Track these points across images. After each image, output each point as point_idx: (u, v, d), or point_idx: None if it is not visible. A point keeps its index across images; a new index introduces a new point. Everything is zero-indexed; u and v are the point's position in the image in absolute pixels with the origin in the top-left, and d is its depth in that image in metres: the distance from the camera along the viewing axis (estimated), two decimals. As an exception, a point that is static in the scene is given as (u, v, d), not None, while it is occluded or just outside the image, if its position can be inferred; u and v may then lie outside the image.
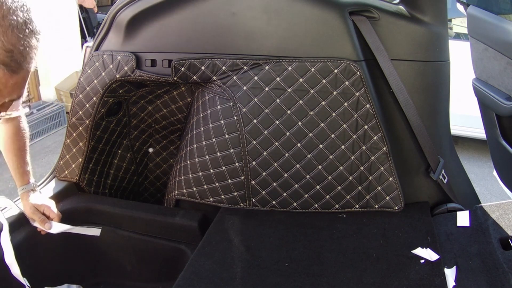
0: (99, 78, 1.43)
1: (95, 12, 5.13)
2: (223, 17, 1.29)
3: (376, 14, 1.29)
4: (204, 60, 1.31)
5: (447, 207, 1.39)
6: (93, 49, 1.45)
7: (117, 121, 1.57)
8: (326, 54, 1.27)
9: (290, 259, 1.18)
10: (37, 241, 1.34)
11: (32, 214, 1.29)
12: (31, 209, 1.29)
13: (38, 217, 1.29)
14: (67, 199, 1.48)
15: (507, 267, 1.08)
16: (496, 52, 1.46)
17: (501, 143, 1.62)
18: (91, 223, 1.44)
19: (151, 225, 1.41)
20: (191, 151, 1.46)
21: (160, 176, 1.80)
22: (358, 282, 1.09)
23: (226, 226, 1.34)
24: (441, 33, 1.32)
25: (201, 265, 1.17)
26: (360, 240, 1.24)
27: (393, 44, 1.30)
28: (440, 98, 1.40)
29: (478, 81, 1.65)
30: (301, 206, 1.39)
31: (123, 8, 1.35)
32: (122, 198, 1.68)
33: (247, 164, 1.36)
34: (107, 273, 1.50)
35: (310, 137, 1.32)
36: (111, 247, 1.46)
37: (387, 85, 1.31)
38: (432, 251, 1.17)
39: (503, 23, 1.47)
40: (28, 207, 1.30)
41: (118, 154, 1.65)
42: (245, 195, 1.40)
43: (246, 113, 1.33)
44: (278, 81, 1.30)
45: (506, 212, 1.27)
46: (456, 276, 1.11)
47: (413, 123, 1.32)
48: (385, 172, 1.32)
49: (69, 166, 1.51)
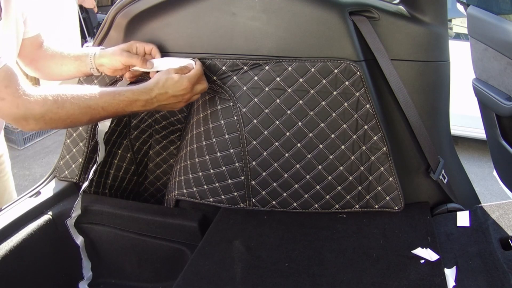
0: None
1: (95, 12, 5.12)
2: (223, 17, 1.29)
3: (376, 14, 1.29)
4: (204, 60, 1.32)
5: (447, 207, 1.39)
6: (93, 49, 1.45)
7: (117, 121, 1.57)
8: (326, 54, 1.27)
9: (290, 259, 1.19)
10: (37, 240, 1.34)
11: (128, 58, 1.18)
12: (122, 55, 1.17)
13: (136, 58, 1.18)
14: (67, 199, 1.48)
15: (507, 267, 1.08)
16: (496, 52, 1.46)
17: (501, 143, 1.62)
18: (91, 223, 1.45)
19: (151, 225, 1.41)
20: (191, 151, 1.47)
21: (160, 176, 1.80)
22: (358, 282, 1.09)
23: (226, 226, 1.34)
24: (441, 33, 1.32)
25: (201, 265, 1.17)
26: (360, 240, 1.24)
27: (393, 44, 1.30)
28: (440, 98, 1.40)
29: (478, 81, 1.65)
30: (301, 206, 1.39)
31: (123, 8, 1.35)
32: (122, 198, 1.68)
33: (247, 164, 1.37)
34: (107, 273, 1.50)
35: (310, 137, 1.32)
36: (111, 247, 1.46)
37: (387, 85, 1.31)
38: (432, 251, 1.17)
39: (503, 23, 1.47)
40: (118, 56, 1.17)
41: (118, 154, 1.65)
42: (245, 195, 1.40)
43: (246, 113, 1.33)
44: (278, 81, 1.30)
45: (506, 212, 1.27)
46: (456, 276, 1.11)
47: (413, 123, 1.32)
48: (385, 172, 1.33)
49: (69, 166, 1.51)
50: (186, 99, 1.15)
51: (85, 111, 1.01)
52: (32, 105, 0.99)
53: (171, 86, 1.10)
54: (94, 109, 1.01)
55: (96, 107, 1.02)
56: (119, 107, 1.06)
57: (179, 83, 1.11)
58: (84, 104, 1.00)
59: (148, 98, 1.09)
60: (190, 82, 1.13)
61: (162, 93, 1.10)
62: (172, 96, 1.11)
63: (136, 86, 1.09)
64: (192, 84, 1.13)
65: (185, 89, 1.12)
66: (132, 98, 1.07)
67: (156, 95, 1.10)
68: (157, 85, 1.10)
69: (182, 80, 1.11)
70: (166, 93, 1.10)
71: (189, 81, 1.13)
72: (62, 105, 0.99)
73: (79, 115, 1.01)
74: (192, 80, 1.13)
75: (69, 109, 1.00)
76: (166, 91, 1.10)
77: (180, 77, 1.11)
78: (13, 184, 1.63)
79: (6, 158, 1.58)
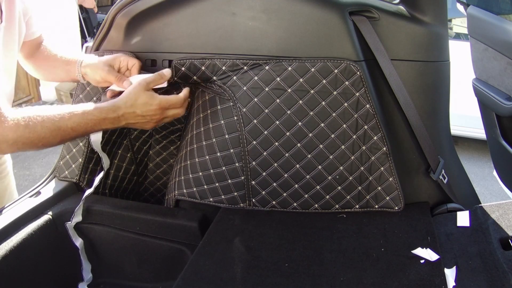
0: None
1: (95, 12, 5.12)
2: (223, 17, 1.29)
3: (376, 14, 1.29)
4: (204, 60, 1.32)
5: (447, 207, 1.39)
6: (93, 49, 1.45)
7: (117, 121, 1.57)
8: (326, 54, 1.27)
9: (290, 259, 1.18)
10: (37, 240, 1.34)
11: (107, 74, 1.15)
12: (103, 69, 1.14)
13: (114, 76, 1.14)
14: (67, 199, 1.48)
15: (507, 267, 1.08)
16: (496, 52, 1.46)
17: (501, 143, 1.62)
18: (91, 223, 1.45)
19: (151, 225, 1.41)
20: (191, 151, 1.47)
21: (160, 176, 1.80)
22: (358, 282, 1.09)
23: (226, 226, 1.34)
24: (441, 33, 1.32)
25: (201, 265, 1.17)
26: (360, 240, 1.24)
27: (393, 44, 1.30)
28: (440, 98, 1.40)
29: (478, 81, 1.65)
30: (301, 206, 1.39)
31: (123, 8, 1.36)
32: (122, 198, 1.68)
33: (247, 164, 1.37)
34: (107, 273, 1.50)
35: (310, 137, 1.32)
36: (111, 247, 1.46)
37: (387, 85, 1.31)
38: (432, 251, 1.17)
39: (503, 23, 1.47)
40: (99, 70, 1.14)
41: (118, 154, 1.65)
42: (245, 195, 1.40)
43: (246, 113, 1.33)
44: (278, 81, 1.30)
45: (506, 212, 1.27)
46: (456, 276, 1.11)
47: (413, 123, 1.32)
48: (385, 172, 1.33)
49: (69, 166, 1.51)
50: (155, 120, 1.09)
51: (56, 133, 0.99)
52: (5, 131, 0.96)
53: (140, 105, 1.05)
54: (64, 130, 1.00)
55: (65, 128, 1.00)
56: (88, 126, 1.03)
57: (148, 104, 1.05)
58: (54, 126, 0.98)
59: (116, 116, 1.05)
60: (160, 105, 1.07)
61: (129, 112, 1.05)
62: (140, 115, 1.06)
63: (105, 103, 1.05)
64: (163, 108, 1.08)
65: (154, 111, 1.07)
66: (100, 117, 1.03)
67: (124, 113, 1.05)
68: (126, 103, 1.05)
69: (152, 101, 1.06)
70: (134, 112, 1.05)
71: (159, 104, 1.07)
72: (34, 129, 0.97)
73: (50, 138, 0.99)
74: (163, 104, 1.07)
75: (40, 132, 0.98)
76: (134, 111, 1.05)
77: (150, 97, 1.06)
78: (14, 184, 1.63)
79: (7, 157, 1.58)
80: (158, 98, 1.06)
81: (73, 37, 4.57)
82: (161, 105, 1.06)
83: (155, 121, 1.08)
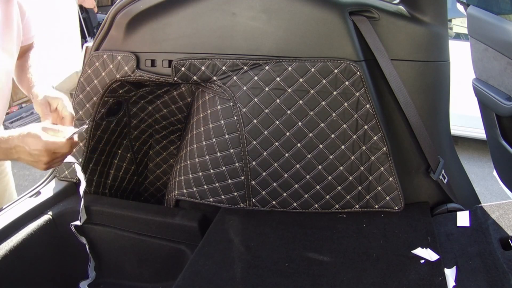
0: (99, 78, 1.43)
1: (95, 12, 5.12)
2: (223, 17, 1.29)
3: (376, 14, 1.29)
4: (204, 60, 1.32)
5: (447, 207, 1.39)
6: (93, 49, 1.45)
7: (117, 121, 1.57)
8: (326, 54, 1.27)
9: (290, 259, 1.18)
10: (37, 240, 1.34)
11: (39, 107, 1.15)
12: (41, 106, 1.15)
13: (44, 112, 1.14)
14: (67, 199, 1.48)
15: (507, 267, 1.08)
16: (496, 52, 1.46)
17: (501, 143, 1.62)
18: (91, 223, 1.45)
19: (151, 225, 1.41)
20: (191, 151, 1.47)
21: (160, 176, 1.80)
22: (358, 282, 1.09)
23: (226, 226, 1.34)
24: (441, 33, 1.32)
25: (201, 265, 1.17)
26: (360, 240, 1.24)
27: (393, 44, 1.30)
28: (440, 98, 1.40)
29: (478, 81, 1.65)
30: (301, 206, 1.39)
31: (123, 8, 1.35)
32: (122, 198, 1.68)
33: (247, 164, 1.37)
34: (107, 273, 1.50)
35: (310, 137, 1.32)
36: (111, 247, 1.46)
37: (387, 85, 1.31)
38: (432, 251, 1.17)
39: (503, 23, 1.47)
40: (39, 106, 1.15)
41: (118, 154, 1.65)
42: (245, 195, 1.40)
43: (246, 113, 1.33)
44: (278, 81, 1.30)
45: (506, 212, 1.27)
46: (456, 276, 1.11)
47: (413, 123, 1.32)
48: (385, 172, 1.33)
49: (69, 166, 1.51)
50: (44, 162, 1.03)
51: None
52: None
53: (29, 142, 1.00)
54: None
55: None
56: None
57: (35, 142, 1.00)
58: None
59: (8, 147, 1.02)
60: (45, 147, 1.01)
61: (20, 145, 1.01)
62: (28, 153, 1.01)
63: (3, 133, 1.03)
64: (49, 150, 1.01)
65: (40, 152, 1.01)
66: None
67: (15, 146, 1.01)
68: (18, 137, 1.01)
69: (38, 142, 1.01)
70: (24, 147, 1.01)
71: (45, 146, 1.01)
72: None
73: None
74: (49, 146, 1.01)
75: None
76: (24, 146, 1.01)
77: (37, 138, 1.01)
78: (13, 184, 1.63)
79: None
80: (43, 141, 1.01)
81: (73, 37, 4.56)
82: (46, 147, 1.01)
83: (43, 162, 1.03)
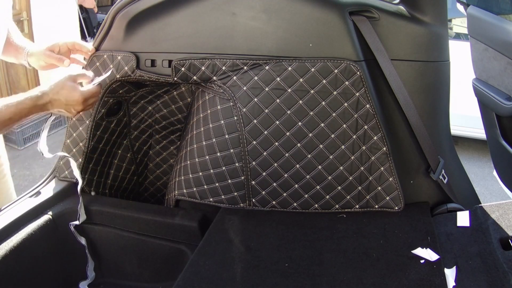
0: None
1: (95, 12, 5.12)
2: (223, 17, 1.29)
3: (376, 14, 1.29)
4: (204, 60, 1.32)
5: (447, 207, 1.39)
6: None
7: (117, 121, 1.57)
8: (326, 54, 1.27)
9: (290, 259, 1.18)
10: (37, 240, 1.34)
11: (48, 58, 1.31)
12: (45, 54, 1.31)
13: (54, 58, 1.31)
14: (67, 199, 1.48)
15: (507, 267, 1.08)
16: (496, 52, 1.46)
17: (501, 143, 1.62)
18: (91, 223, 1.45)
19: (151, 225, 1.41)
20: (191, 151, 1.47)
21: (160, 176, 1.80)
22: (358, 282, 1.09)
23: (226, 226, 1.34)
24: (441, 33, 1.32)
25: (201, 265, 1.17)
26: (360, 240, 1.24)
27: (393, 44, 1.30)
28: (440, 98, 1.40)
29: (478, 81, 1.65)
30: (301, 206, 1.39)
31: (123, 8, 1.36)
32: (122, 198, 1.68)
33: (247, 164, 1.37)
34: (107, 273, 1.50)
35: (310, 137, 1.32)
36: (111, 247, 1.46)
37: (387, 85, 1.31)
38: (432, 251, 1.17)
39: (503, 23, 1.47)
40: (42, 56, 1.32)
41: (118, 154, 1.65)
42: (245, 195, 1.40)
43: (246, 113, 1.33)
44: (278, 81, 1.30)
45: (506, 212, 1.27)
46: (456, 276, 1.11)
47: (413, 123, 1.32)
48: (385, 172, 1.33)
49: (69, 166, 1.51)
50: (77, 110, 1.21)
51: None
52: None
53: (65, 94, 1.17)
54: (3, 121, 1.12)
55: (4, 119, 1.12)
56: (22, 114, 1.14)
57: (72, 94, 1.17)
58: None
59: (44, 103, 1.16)
60: (82, 96, 1.19)
61: (56, 99, 1.17)
62: (64, 104, 1.18)
63: (35, 92, 1.17)
64: (84, 97, 1.19)
65: (76, 101, 1.18)
66: (31, 104, 1.15)
67: (51, 100, 1.16)
68: (52, 90, 1.17)
69: (76, 92, 1.18)
70: (59, 100, 1.17)
71: (82, 95, 1.19)
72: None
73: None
74: (85, 94, 1.19)
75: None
76: (59, 98, 1.17)
77: (73, 88, 1.18)
78: (12, 185, 1.64)
79: (4, 160, 1.58)
80: (79, 92, 1.18)
81: (73, 37, 4.57)
82: (83, 96, 1.19)
83: (77, 110, 1.21)
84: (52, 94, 1.16)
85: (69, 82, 1.18)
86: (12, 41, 1.39)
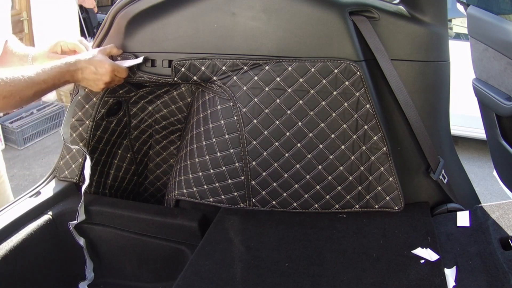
0: None
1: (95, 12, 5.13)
2: (223, 17, 1.29)
3: (376, 14, 1.29)
4: (204, 60, 1.32)
5: (447, 207, 1.39)
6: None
7: (117, 121, 1.57)
8: (326, 54, 1.27)
9: (290, 259, 1.19)
10: (37, 240, 1.34)
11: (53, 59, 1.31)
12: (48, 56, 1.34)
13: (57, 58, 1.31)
14: (67, 199, 1.48)
15: (507, 267, 1.08)
16: (496, 52, 1.47)
17: (501, 143, 1.62)
18: (91, 223, 1.45)
19: (151, 225, 1.41)
20: (191, 151, 1.47)
21: (160, 176, 1.80)
22: (358, 282, 1.09)
23: (226, 226, 1.34)
24: (441, 33, 1.32)
25: (201, 265, 1.17)
26: (360, 240, 1.24)
27: (393, 44, 1.30)
28: (440, 98, 1.40)
29: (478, 81, 1.65)
30: (301, 206, 1.39)
31: (123, 8, 1.35)
32: (122, 198, 1.68)
33: (247, 164, 1.37)
34: (107, 273, 1.50)
35: (310, 137, 1.32)
36: (111, 247, 1.46)
37: (387, 85, 1.31)
38: (432, 251, 1.17)
39: (503, 23, 1.47)
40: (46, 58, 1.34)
41: (118, 154, 1.65)
42: (245, 195, 1.40)
43: (246, 113, 1.33)
44: (278, 81, 1.30)
45: (506, 212, 1.27)
46: (456, 276, 1.11)
47: (413, 123, 1.32)
48: (385, 172, 1.33)
49: (69, 166, 1.51)
50: (104, 82, 1.26)
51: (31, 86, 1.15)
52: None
53: (96, 63, 1.24)
54: (37, 83, 1.16)
55: (38, 81, 1.16)
56: (56, 78, 1.19)
57: (102, 62, 1.25)
58: (30, 80, 1.15)
59: (75, 69, 1.22)
60: (112, 67, 1.25)
61: (86, 66, 1.23)
62: (94, 72, 1.24)
63: (70, 59, 1.23)
64: (113, 71, 1.26)
65: (105, 72, 1.24)
66: (64, 68, 1.20)
67: (82, 67, 1.22)
68: (85, 57, 1.24)
69: (106, 61, 1.25)
70: (90, 68, 1.23)
71: (112, 66, 1.25)
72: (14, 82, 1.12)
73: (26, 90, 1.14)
74: (114, 67, 1.26)
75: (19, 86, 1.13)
76: (89, 66, 1.23)
77: (105, 58, 1.26)
78: (9, 187, 1.64)
79: (0, 162, 1.58)
80: (110, 62, 1.26)
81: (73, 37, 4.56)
82: (112, 67, 1.25)
83: (104, 82, 1.26)
84: (84, 61, 1.23)
85: (100, 53, 1.26)
86: (15, 52, 1.41)
